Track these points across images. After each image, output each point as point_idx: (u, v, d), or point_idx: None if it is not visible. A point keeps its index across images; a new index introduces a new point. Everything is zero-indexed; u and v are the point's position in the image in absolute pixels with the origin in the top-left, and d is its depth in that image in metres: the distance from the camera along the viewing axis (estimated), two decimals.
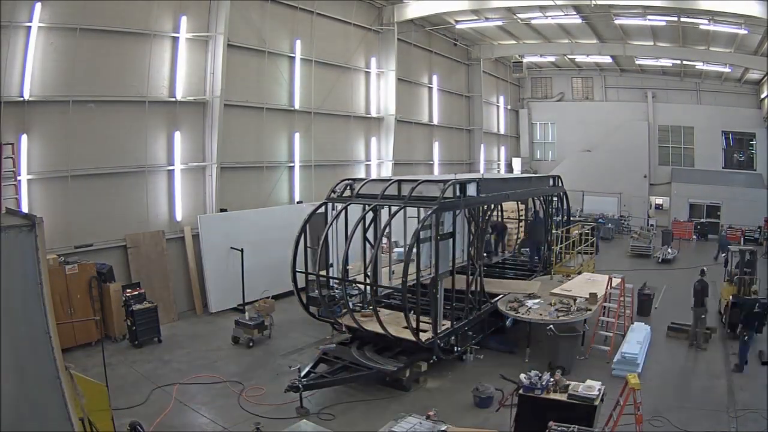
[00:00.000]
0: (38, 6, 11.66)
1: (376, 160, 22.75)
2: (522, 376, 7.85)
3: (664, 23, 21.67)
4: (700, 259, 24.21)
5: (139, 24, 13.64)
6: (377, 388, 10.13)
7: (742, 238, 28.18)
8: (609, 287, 12.55)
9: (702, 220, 30.13)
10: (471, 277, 11.49)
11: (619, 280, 12.97)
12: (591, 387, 7.43)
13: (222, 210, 15.63)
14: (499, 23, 24.48)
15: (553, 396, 7.46)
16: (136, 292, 12.65)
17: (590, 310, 11.70)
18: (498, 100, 33.79)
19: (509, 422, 7.73)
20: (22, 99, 11.70)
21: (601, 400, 7.38)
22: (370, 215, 11.78)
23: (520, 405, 7.65)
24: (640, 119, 32.68)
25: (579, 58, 31.06)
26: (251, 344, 12.33)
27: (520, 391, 7.64)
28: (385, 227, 11.76)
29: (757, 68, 25.38)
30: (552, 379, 7.65)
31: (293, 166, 18.66)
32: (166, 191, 14.74)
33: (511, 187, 14.29)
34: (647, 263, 22.56)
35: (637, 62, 30.62)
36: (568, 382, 7.61)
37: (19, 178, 11.62)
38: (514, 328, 12.56)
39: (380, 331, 10.22)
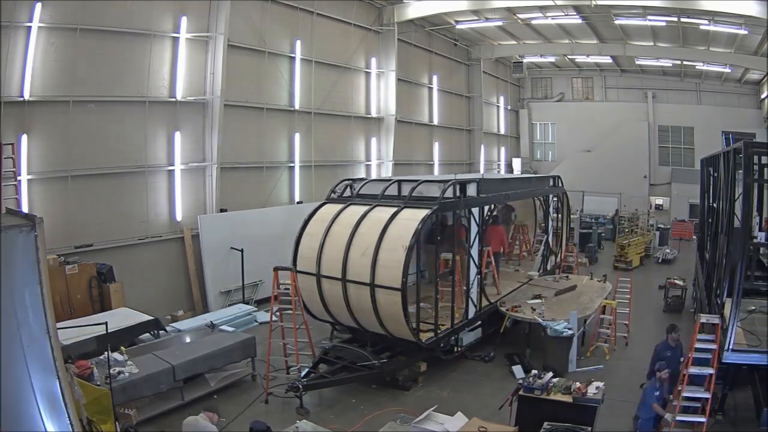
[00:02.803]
0: (38, 6, 11.64)
1: (376, 160, 22.74)
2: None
3: (664, 23, 21.66)
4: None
5: (139, 24, 13.62)
6: (377, 388, 10.12)
7: None
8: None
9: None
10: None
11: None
12: (594, 388, 7.43)
13: (222, 210, 15.62)
14: (499, 23, 24.45)
15: (554, 396, 7.44)
16: None
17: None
18: (498, 100, 33.77)
19: (509, 422, 7.71)
20: (22, 99, 11.68)
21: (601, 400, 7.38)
22: None
23: (519, 405, 7.64)
24: (640, 119, 32.65)
25: (579, 59, 31.04)
26: None
27: (521, 392, 7.63)
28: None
29: (757, 68, 25.36)
30: (553, 381, 7.63)
31: (293, 167, 18.65)
32: (166, 191, 14.73)
33: (511, 187, 14.26)
34: (647, 263, 22.51)
35: (637, 62, 30.60)
36: (569, 383, 7.59)
37: (19, 178, 11.58)
38: (513, 329, 12.55)
39: (380, 331, 10.22)
